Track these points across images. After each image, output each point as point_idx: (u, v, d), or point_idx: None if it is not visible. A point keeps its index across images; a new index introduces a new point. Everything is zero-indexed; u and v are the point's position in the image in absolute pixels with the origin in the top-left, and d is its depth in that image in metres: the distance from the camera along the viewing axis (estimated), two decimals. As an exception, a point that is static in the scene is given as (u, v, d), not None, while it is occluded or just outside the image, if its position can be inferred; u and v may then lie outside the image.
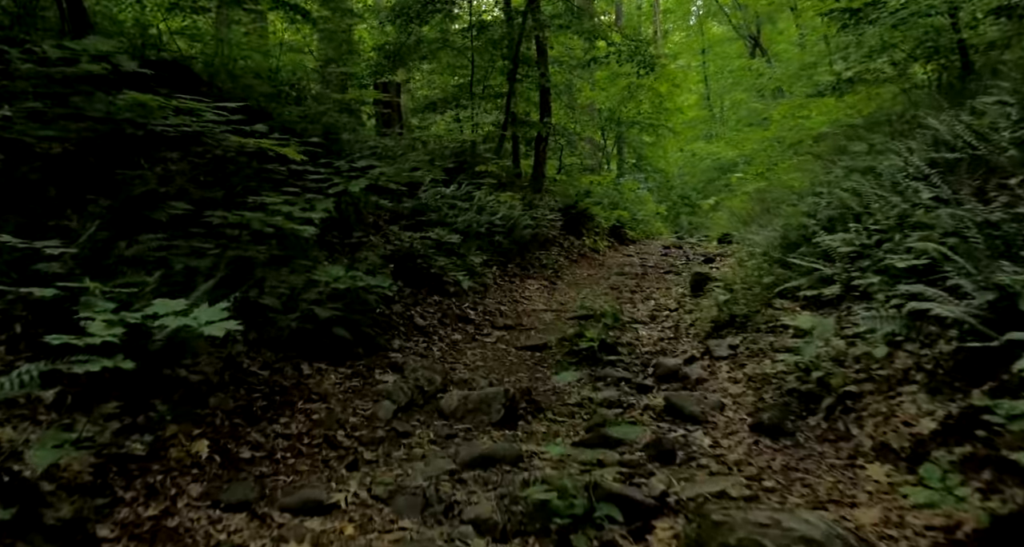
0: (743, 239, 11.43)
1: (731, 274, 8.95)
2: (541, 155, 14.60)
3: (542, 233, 12.10)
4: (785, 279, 6.75)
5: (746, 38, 33.27)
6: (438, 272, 7.90)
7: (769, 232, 8.62)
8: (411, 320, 6.67)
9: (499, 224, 10.72)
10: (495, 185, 12.52)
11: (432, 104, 14.23)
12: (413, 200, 10.14)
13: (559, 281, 10.78)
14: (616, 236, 16.04)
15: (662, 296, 9.68)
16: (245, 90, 8.20)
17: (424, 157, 11.93)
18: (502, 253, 10.56)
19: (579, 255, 13.31)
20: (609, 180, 17.34)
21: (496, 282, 9.39)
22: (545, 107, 14.70)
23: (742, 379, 5.19)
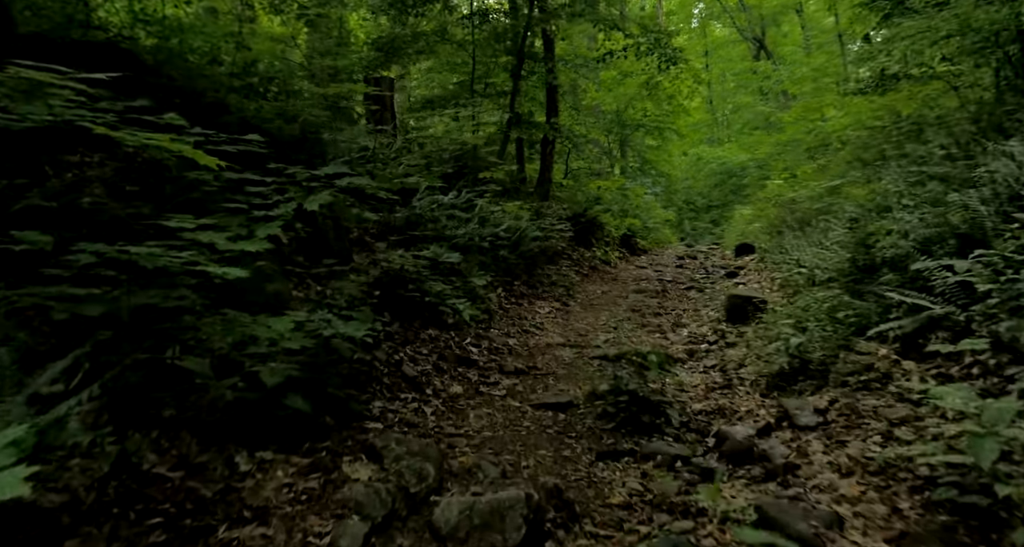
0: (775, 253, 9.87)
1: (782, 301, 7.39)
2: (548, 159, 13.03)
3: (551, 246, 10.54)
4: (866, 314, 5.20)
5: (751, 40, 31.75)
6: (434, 300, 6.33)
7: (826, 251, 7.05)
8: (399, 368, 5.09)
9: (504, 237, 9.15)
10: (499, 192, 10.96)
11: (429, 102, 12.65)
12: (406, 210, 8.58)
13: (572, 302, 9.21)
14: (627, 246, 14.47)
15: (692, 321, 8.11)
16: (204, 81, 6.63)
17: (420, 161, 10.41)
18: (507, 270, 9.00)
19: (590, 269, 11.74)
20: (618, 185, 15.80)
21: (502, 307, 7.82)
22: (552, 107, 13.14)
23: (853, 468, 3.62)
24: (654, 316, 8.51)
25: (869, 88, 10.29)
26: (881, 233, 5.33)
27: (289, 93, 8.97)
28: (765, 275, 10.90)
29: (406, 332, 5.88)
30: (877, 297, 5.43)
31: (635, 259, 14.09)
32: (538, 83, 13.72)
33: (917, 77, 9.99)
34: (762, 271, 11.48)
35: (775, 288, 9.33)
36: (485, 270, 8.32)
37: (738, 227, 18.37)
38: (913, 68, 9.87)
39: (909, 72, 9.88)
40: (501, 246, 9.06)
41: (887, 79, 10.05)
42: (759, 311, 7.52)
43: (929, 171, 6.46)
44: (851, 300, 5.27)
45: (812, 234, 8.94)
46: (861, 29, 18.73)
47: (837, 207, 8.41)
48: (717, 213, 26.01)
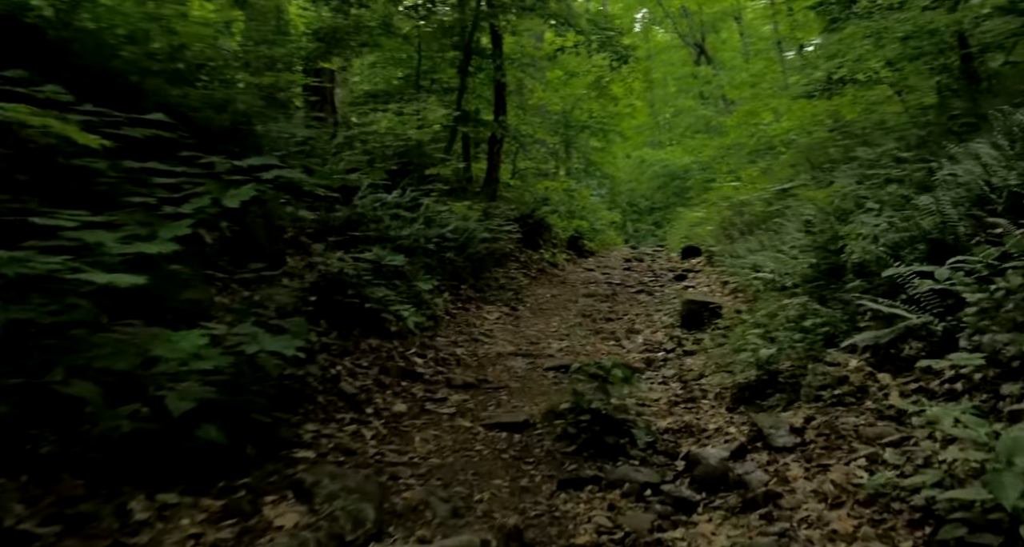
0: (725, 256, 9.59)
1: (738, 306, 7.06)
2: (495, 157, 12.54)
3: (499, 247, 10.05)
4: (833, 322, 4.86)
5: (691, 46, 31.86)
6: (376, 306, 5.77)
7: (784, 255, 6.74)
8: (336, 384, 4.53)
9: (451, 238, 8.63)
10: (445, 191, 10.42)
11: (373, 96, 12.00)
12: (347, 208, 7.98)
13: (521, 306, 8.73)
14: (574, 248, 14.08)
15: (646, 327, 7.72)
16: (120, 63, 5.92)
17: (362, 157, 9.79)
18: (454, 273, 8.47)
19: (538, 271, 11.29)
20: (566, 186, 15.41)
21: (449, 312, 7.30)
22: (500, 104, 12.65)
23: (841, 497, 3.22)
24: (606, 321, 8.09)
25: (817, 92, 10.10)
26: (851, 237, 4.99)
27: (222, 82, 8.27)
28: (714, 278, 10.63)
29: (345, 342, 5.31)
30: (843, 304, 5.10)
31: (582, 261, 13.70)
32: (486, 80, 13.21)
33: (862, 82, 9.84)
34: (711, 274, 11.22)
35: (727, 292, 9.04)
36: (431, 273, 7.78)
37: (682, 229, 18.21)
38: (859, 73, 9.71)
39: (855, 77, 9.73)
40: (448, 248, 8.53)
41: (834, 83, 9.87)
42: (715, 317, 7.17)
43: (887, 174, 6.19)
44: (818, 307, 4.92)
45: (764, 237, 8.66)
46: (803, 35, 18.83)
47: (791, 210, 8.14)
48: (660, 215, 25.93)
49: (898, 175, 6.11)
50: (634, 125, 25.04)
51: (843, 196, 6.35)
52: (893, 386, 3.96)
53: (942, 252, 4.50)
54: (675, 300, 9.25)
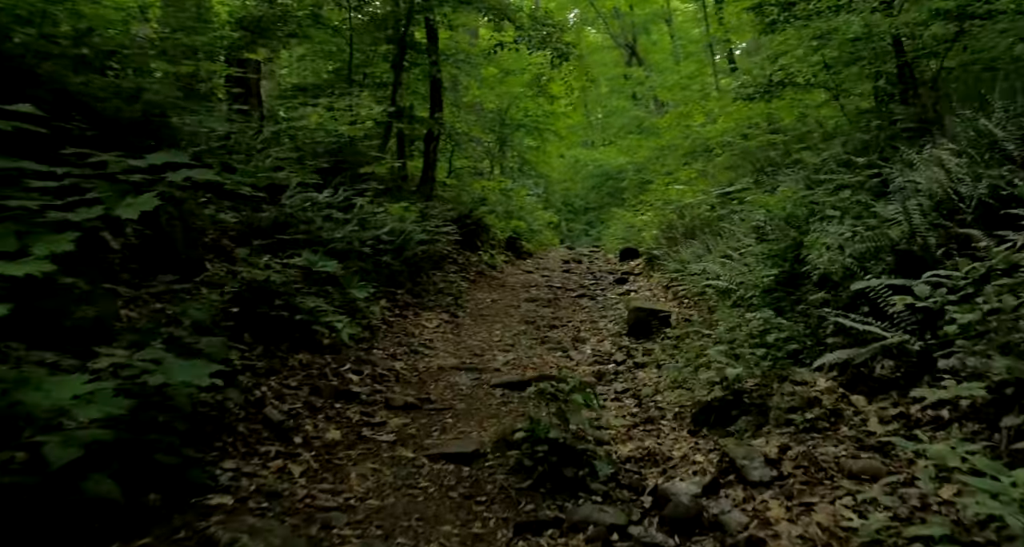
0: (668, 261, 9.33)
1: (688, 314, 6.76)
2: (432, 155, 12.01)
3: (437, 250, 9.54)
4: (796, 337, 4.57)
5: (623, 47, 31.89)
6: (306, 318, 5.20)
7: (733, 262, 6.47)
8: (260, 410, 3.97)
9: (387, 240, 8.09)
10: (379, 190, 9.85)
11: (302, 90, 11.30)
12: (275, 209, 7.36)
13: (462, 312, 8.25)
14: (512, 249, 13.67)
15: (592, 335, 7.35)
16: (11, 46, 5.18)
17: (291, 154, 9.15)
18: (391, 278, 7.93)
19: (477, 274, 10.83)
20: (503, 186, 14.97)
21: (386, 321, 6.76)
22: (436, 101, 12.12)
23: (832, 544, 2.88)
24: (550, 329, 7.70)
25: (757, 94, 9.94)
26: (814, 246, 4.70)
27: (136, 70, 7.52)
28: (656, 282, 10.38)
29: (271, 359, 4.74)
30: (805, 317, 4.83)
31: (521, 263, 13.31)
32: (421, 76, 12.66)
33: (801, 85, 9.73)
34: (651, 277, 10.99)
35: (671, 298, 8.77)
36: (366, 279, 7.22)
37: (618, 230, 18.04)
38: (798, 76, 9.60)
39: (795, 80, 9.61)
40: (383, 251, 7.99)
41: (774, 86, 9.73)
42: (664, 325, 6.86)
43: (840, 179, 5.97)
44: (781, 321, 4.62)
45: (709, 242, 8.42)
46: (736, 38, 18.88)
47: (737, 215, 7.90)
48: (594, 215, 25.81)
49: (850, 181, 5.90)
50: (569, 125, 24.80)
51: (795, 202, 6.10)
52: (870, 411, 3.66)
53: (911, 264, 4.25)
54: (619, 306, 8.94)
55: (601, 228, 24.48)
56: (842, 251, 4.50)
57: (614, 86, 31.90)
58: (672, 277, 9.06)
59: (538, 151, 23.27)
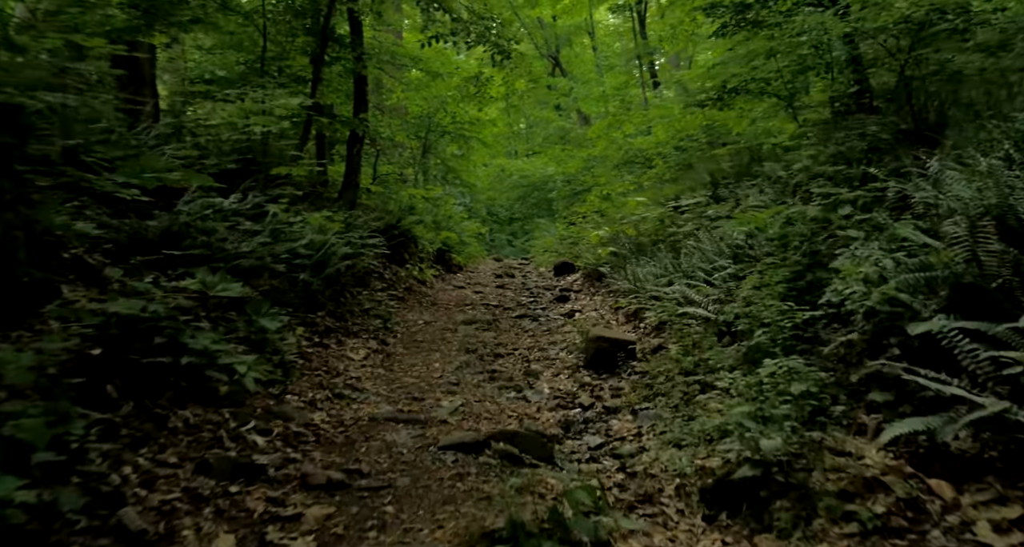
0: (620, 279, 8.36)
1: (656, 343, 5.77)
2: (355, 159, 10.68)
3: (362, 264, 8.26)
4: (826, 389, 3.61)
5: (547, 57, 31.16)
6: (198, 361, 3.90)
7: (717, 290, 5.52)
8: (113, 512, 2.67)
9: (305, 254, 6.80)
10: (296, 196, 8.51)
11: (208, 83, 9.79)
12: (167, 216, 5.98)
13: (392, 338, 7.02)
14: (442, 262, 12.46)
15: (546, 368, 6.26)
16: None
17: (191, 152, 7.74)
18: (309, 299, 6.63)
19: (406, 291, 9.58)
20: (434, 194, 13.73)
21: (304, 354, 5.47)
22: (360, 100, 10.81)
23: None
24: (495, 358, 6.56)
25: (710, 101, 9.13)
26: (852, 275, 3.75)
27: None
28: (601, 301, 9.41)
29: (144, 422, 3.43)
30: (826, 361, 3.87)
31: (452, 277, 12.11)
32: (343, 72, 11.33)
33: (754, 92, 8.98)
34: (594, 295, 10.01)
35: (623, 320, 7.79)
36: (280, 302, 5.92)
37: (547, 242, 17.09)
38: (751, 83, 8.85)
39: (747, 87, 8.85)
40: (301, 268, 6.69)
41: (727, 92, 8.94)
42: (631, 358, 5.84)
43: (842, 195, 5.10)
44: (807, 369, 3.64)
45: (666, 259, 7.49)
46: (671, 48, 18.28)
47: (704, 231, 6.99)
48: (518, 225, 24.84)
49: (850, 196, 5.03)
50: (494, 133, 23.78)
51: (784, 220, 5.19)
52: (968, 507, 2.70)
53: (974, 301, 3.34)
54: (566, 329, 7.90)
55: (526, 239, 23.52)
56: (885, 282, 3.55)
57: (539, 97, 31.09)
58: (623, 296, 8.08)
59: (463, 159, 22.14)
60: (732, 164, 8.93)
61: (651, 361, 5.57)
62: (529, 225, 24.34)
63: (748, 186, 7.69)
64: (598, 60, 29.22)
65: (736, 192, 7.85)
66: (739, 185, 7.99)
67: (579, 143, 24.36)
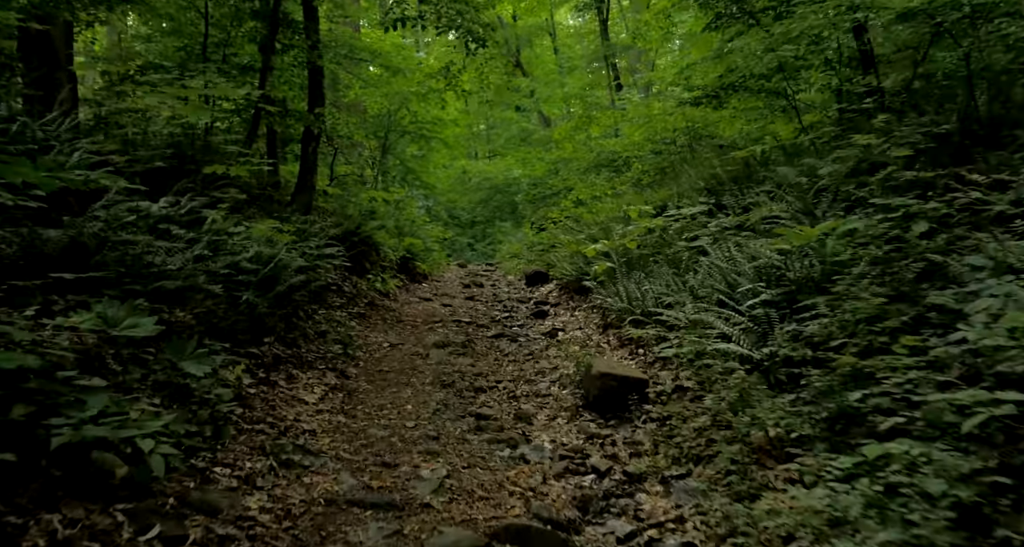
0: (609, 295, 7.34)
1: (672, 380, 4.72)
2: (311, 159, 9.43)
3: (318, 277, 7.05)
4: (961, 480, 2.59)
5: (509, 57, 30.08)
6: (79, 438, 2.69)
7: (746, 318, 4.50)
8: None
9: (250, 270, 5.59)
10: (241, 201, 7.26)
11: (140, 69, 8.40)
12: (79, 224, 4.73)
13: (355, 369, 5.84)
14: (406, 271, 11.25)
15: (539, 407, 5.17)
16: None
17: (114, 146, 6.48)
18: (255, 325, 5.41)
19: (368, 306, 8.38)
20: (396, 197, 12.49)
21: (244, 398, 4.27)
22: (316, 94, 9.57)
23: None
24: (476, 393, 5.45)
25: (705, 98, 8.17)
26: (1008, 323, 2.73)
27: None
28: (584, 317, 8.36)
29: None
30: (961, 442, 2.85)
31: (417, 288, 10.93)
32: (296, 62, 10.07)
33: (753, 90, 8.05)
34: (575, 310, 8.96)
35: (614, 343, 6.75)
36: (216, 332, 4.72)
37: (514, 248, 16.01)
38: (749, 80, 7.90)
39: (746, 84, 7.91)
40: (245, 286, 5.47)
41: (724, 89, 7.98)
42: (643, 400, 4.78)
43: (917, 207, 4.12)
44: (940, 454, 2.61)
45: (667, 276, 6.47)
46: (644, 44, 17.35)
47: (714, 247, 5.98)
48: (480, 229, 23.72)
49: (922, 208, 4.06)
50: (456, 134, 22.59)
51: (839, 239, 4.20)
52: None
53: None
54: (553, 353, 6.83)
55: (488, 243, 22.40)
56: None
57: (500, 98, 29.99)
58: (615, 316, 7.04)
59: (423, 160, 20.92)
60: (729, 168, 7.97)
61: (670, 405, 4.52)
62: (491, 229, 23.24)
63: (756, 193, 6.73)
64: (560, 62, 28.31)
65: (740, 200, 6.88)
66: (743, 192, 7.02)
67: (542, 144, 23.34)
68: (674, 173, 11.07)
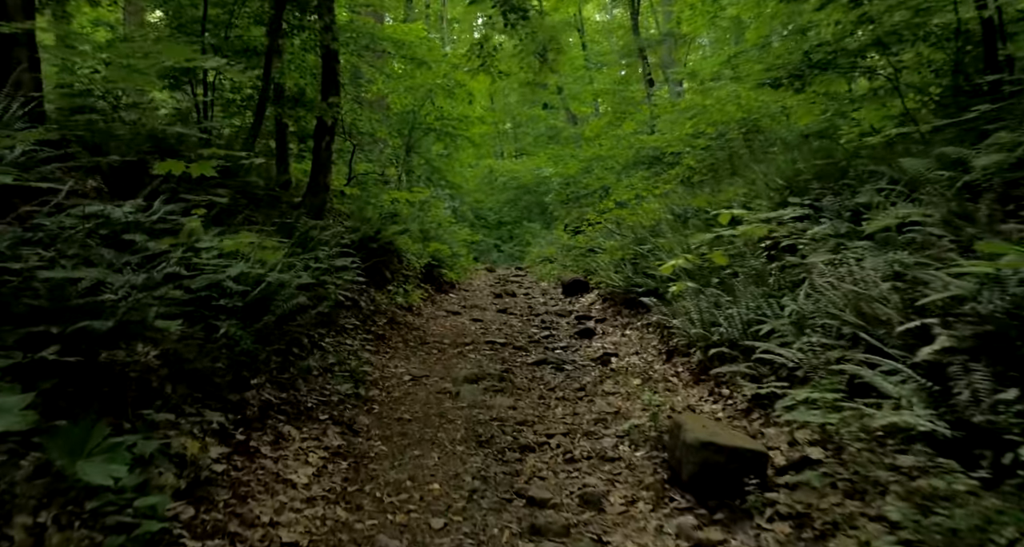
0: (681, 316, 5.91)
1: (897, 514, 3.24)
2: (324, 155, 8.09)
3: (327, 294, 5.68)
4: None
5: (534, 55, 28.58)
6: None
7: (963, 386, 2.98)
8: None
9: (234, 292, 4.24)
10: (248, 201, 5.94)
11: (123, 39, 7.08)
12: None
13: (365, 418, 4.45)
14: (431, 280, 9.87)
15: (606, 481, 3.73)
16: None
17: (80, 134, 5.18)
18: (236, 364, 4.04)
19: (388, 324, 7.01)
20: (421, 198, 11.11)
21: (204, 485, 2.89)
22: (330, 81, 8.21)
23: None
24: (521, 454, 4.03)
25: (786, 79, 6.66)
26: None
27: None
28: (639, 338, 6.93)
29: None
30: None
31: (443, 299, 9.55)
32: (309, 45, 8.70)
33: (843, 68, 6.53)
34: (625, 327, 7.52)
35: (685, 377, 5.31)
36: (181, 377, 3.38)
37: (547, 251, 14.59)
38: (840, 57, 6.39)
39: (836, 61, 6.39)
40: (226, 313, 4.13)
41: (811, 67, 6.47)
42: (764, 486, 3.31)
43: None
44: None
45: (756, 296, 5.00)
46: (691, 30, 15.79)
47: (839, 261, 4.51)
48: (506, 230, 22.29)
49: None
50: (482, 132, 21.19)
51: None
52: None
53: None
54: (610, 387, 5.40)
55: (515, 244, 20.96)
56: None
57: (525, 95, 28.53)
58: (683, 340, 5.59)
59: (449, 159, 19.51)
60: (811, 163, 6.47)
61: (803, 492, 3.08)
62: (519, 229, 21.81)
63: (862, 192, 5.23)
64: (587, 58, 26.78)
65: (844, 201, 5.38)
66: (844, 191, 5.52)
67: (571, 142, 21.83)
68: (730, 170, 9.58)
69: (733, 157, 9.28)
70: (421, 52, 13.56)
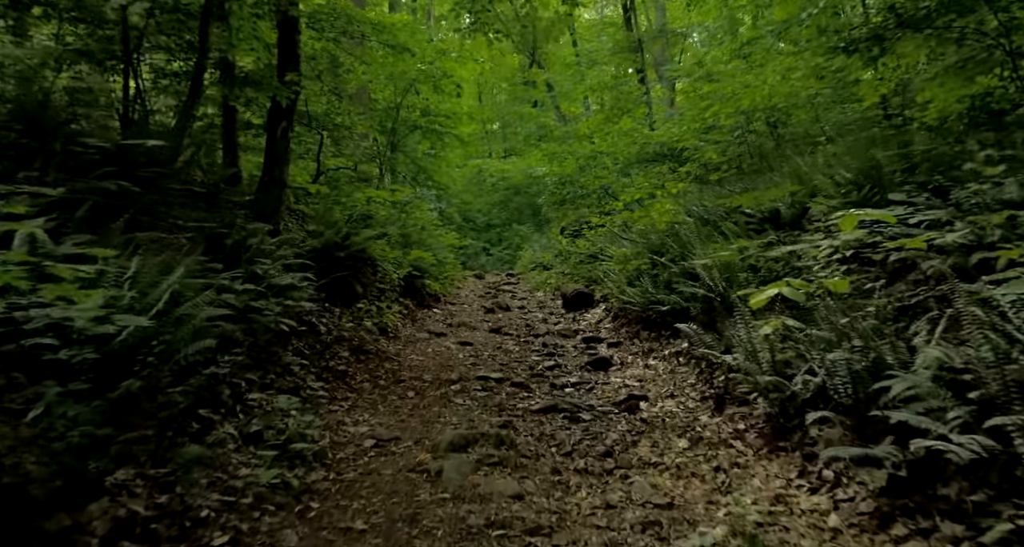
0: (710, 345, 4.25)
1: None
2: (280, 146, 6.39)
3: (266, 323, 4.01)
4: None
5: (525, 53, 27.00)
6: None
7: None
8: None
9: (86, 338, 2.54)
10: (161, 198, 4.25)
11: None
12: None
13: (290, 538, 2.77)
14: (412, 293, 8.17)
15: None
16: None
17: None
18: (76, 458, 2.37)
19: (353, 355, 5.32)
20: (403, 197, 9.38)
21: None
22: (288, 54, 6.54)
23: None
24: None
25: (862, 44, 5.05)
26: None
27: None
28: (668, 371, 5.31)
29: None
30: None
31: (426, 316, 7.87)
32: (266, 14, 6.99)
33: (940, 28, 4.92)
34: (649, 354, 5.90)
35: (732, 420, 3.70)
36: None
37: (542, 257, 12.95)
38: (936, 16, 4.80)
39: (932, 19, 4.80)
40: (79, 371, 2.45)
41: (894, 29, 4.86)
42: None
43: None
44: None
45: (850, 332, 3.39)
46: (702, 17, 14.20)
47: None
48: (495, 233, 20.61)
49: None
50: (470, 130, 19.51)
51: None
52: None
53: None
54: (644, 452, 3.78)
55: (504, 247, 19.26)
56: None
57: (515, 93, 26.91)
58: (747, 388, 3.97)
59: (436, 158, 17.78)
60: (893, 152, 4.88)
61: None
62: (508, 232, 20.13)
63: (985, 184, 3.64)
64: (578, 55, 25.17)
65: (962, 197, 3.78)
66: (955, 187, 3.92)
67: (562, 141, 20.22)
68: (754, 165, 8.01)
69: (763, 150, 7.68)
70: (403, 37, 11.85)
